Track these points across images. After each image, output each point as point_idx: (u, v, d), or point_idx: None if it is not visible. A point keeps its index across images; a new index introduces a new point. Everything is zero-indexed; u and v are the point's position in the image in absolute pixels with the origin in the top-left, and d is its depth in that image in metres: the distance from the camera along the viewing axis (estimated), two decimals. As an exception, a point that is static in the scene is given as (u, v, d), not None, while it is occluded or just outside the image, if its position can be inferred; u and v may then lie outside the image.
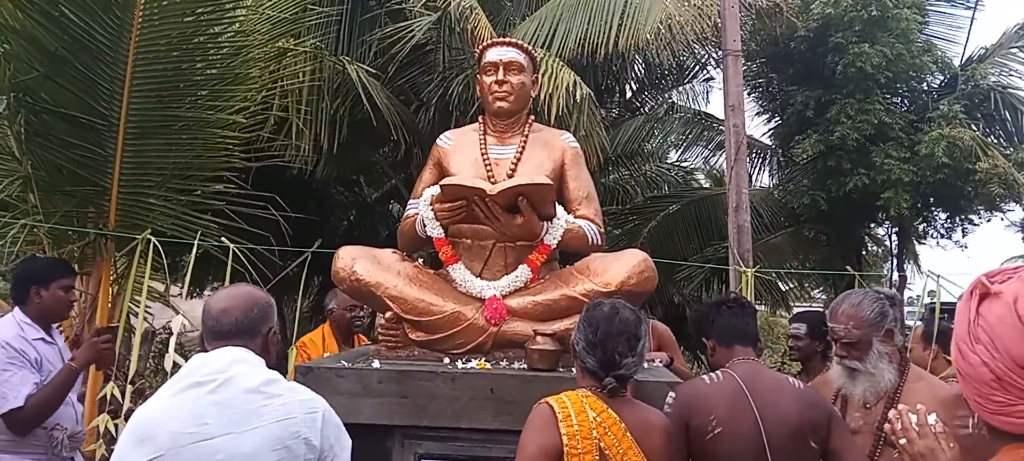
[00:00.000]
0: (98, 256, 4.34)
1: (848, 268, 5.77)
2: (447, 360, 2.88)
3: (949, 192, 9.01)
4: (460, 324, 2.90)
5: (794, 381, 2.39)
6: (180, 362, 1.84)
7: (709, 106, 11.34)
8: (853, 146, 8.57)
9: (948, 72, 9.57)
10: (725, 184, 7.57)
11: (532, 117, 3.34)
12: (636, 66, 9.58)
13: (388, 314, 2.96)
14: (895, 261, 10.88)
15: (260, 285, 2.06)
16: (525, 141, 3.20)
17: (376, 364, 2.77)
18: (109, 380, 3.51)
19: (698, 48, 8.37)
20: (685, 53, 8.79)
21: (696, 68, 10.09)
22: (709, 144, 11.01)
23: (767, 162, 11.15)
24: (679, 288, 9.55)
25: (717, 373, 2.34)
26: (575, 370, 2.22)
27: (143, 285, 3.88)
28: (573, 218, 3.10)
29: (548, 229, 2.99)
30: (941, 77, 9.66)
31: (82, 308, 4.22)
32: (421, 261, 3.33)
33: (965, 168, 8.35)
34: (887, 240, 11.46)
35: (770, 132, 11.05)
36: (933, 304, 4.52)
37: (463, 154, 3.21)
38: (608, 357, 2.06)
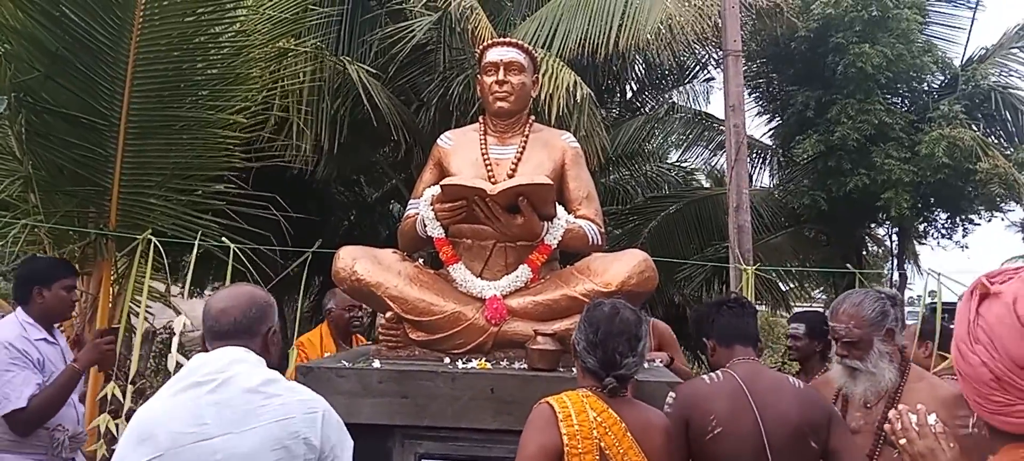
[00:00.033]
0: (99, 256, 4.34)
1: (848, 266, 5.76)
2: (447, 360, 2.88)
3: (949, 192, 9.00)
4: (460, 324, 2.90)
5: (794, 381, 2.39)
6: (183, 362, 1.84)
7: (709, 106, 11.36)
8: (853, 146, 8.56)
9: (948, 72, 9.55)
10: (725, 184, 7.57)
11: (532, 117, 3.35)
12: (636, 66, 9.58)
13: (388, 314, 2.96)
14: (895, 261, 10.87)
15: (261, 285, 2.06)
16: (525, 141, 3.20)
17: (376, 364, 2.78)
18: (110, 380, 3.51)
19: (698, 48, 8.37)
20: (685, 53, 8.79)
21: (696, 68, 10.09)
22: (709, 144, 11.00)
23: (767, 162, 11.14)
24: (679, 288, 9.54)
25: (717, 373, 2.34)
26: (575, 370, 2.23)
27: (144, 285, 3.88)
28: (573, 218, 3.11)
29: (548, 229, 2.99)
30: (941, 77, 9.65)
31: (82, 308, 4.22)
32: (421, 261, 3.33)
33: (965, 168, 8.34)
34: (887, 240, 11.45)
35: (770, 132, 11.04)
36: (933, 304, 4.51)
37: (463, 154, 3.21)
38: (609, 357, 2.06)
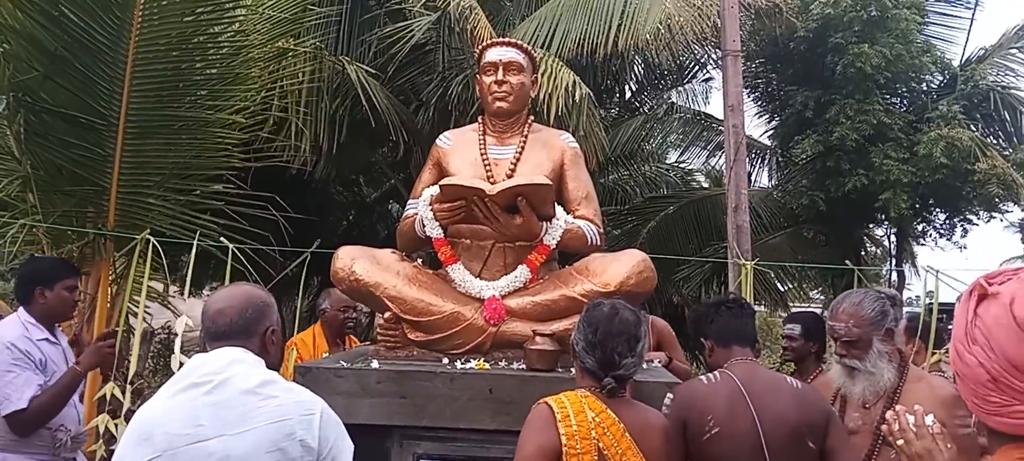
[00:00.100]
0: (97, 256, 4.34)
1: (847, 262, 5.76)
2: (446, 360, 2.88)
3: (948, 193, 9.00)
4: (459, 324, 2.90)
5: (792, 381, 2.39)
6: (185, 362, 1.84)
7: (709, 106, 11.34)
8: (852, 146, 8.56)
9: (947, 72, 9.56)
10: (724, 184, 7.56)
11: (531, 117, 3.35)
12: (636, 66, 9.58)
13: (387, 314, 2.96)
14: (893, 261, 10.87)
15: (261, 285, 2.06)
16: (524, 141, 3.20)
17: (375, 364, 2.78)
18: (108, 380, 3.50)
19: (698, 48, 8.35)
20: (685, 53, 8.78)
21: (696, 68, 10.09)
22: (708, 144, 10.98)
23: (766, 162, 11.15)
24: (678, 288, 9.55)
25: (715, 373, 2.34)
26: (574, 370, 2.23)
27: (142, 285, 3.88)
28: (572, 218, 3.11)
29: (547, 229, 2.99)
30: (940, 77, 9.65)
31: (81, 308, 4.22)
32: (420, 261, 3.33)
33: (964, 168, 8.34)
34: (886, 240, 11.46)
35: (769, 132, 11.04)
36: (931, 303, 4.52)
37: (462, 154, 3.21)
38: (607, 357, 2.06)
